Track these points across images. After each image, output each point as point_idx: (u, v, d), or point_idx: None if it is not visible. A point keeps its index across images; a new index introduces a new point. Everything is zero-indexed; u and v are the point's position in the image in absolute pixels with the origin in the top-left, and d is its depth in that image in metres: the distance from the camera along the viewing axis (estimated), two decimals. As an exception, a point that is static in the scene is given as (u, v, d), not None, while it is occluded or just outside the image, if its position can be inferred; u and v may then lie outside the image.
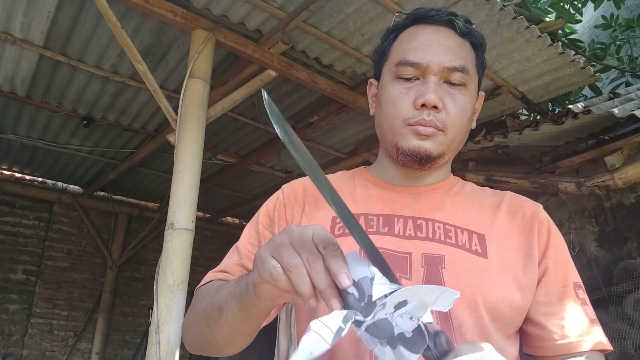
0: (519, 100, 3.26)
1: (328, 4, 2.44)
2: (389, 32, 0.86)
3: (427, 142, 0.76)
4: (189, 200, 2.30)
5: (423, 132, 0.75)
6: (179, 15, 2.44)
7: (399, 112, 0.77)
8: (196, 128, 2.42)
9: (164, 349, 2.07)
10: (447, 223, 0.78)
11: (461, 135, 0.80)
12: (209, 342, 0.73)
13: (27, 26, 2.76)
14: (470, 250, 0.75)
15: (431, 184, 0.85)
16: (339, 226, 0.79)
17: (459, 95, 0.78)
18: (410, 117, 0.76)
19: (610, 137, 3.14)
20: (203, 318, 0.73)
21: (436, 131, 0.76)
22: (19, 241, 5.19)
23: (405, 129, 0.77)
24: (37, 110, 3.72)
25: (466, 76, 0.78)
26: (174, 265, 2.18)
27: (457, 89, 0.78)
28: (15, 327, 5.01)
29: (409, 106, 0.77)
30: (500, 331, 0.73)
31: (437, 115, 0.76)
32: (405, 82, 0.78)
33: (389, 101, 0.80)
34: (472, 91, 0.80)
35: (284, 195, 0.87)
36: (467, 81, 0.79)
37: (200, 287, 0.84)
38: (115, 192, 5.61)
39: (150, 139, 4.10)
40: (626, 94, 3.09)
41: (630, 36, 4.66)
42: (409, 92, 0.78)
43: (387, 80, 0.82)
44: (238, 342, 0.73)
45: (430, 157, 0.77)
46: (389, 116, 0.79)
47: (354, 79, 3.17)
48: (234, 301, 0.64)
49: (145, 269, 5.88)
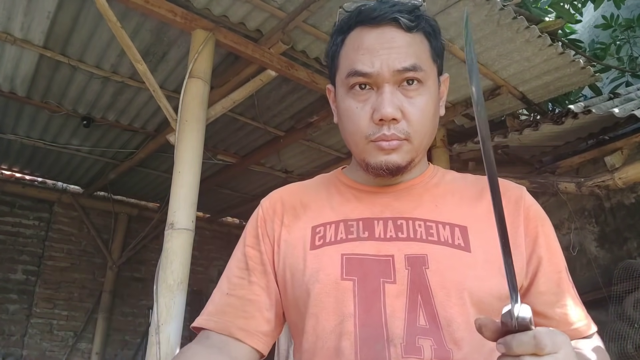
0: (519, 100, 3.26)
1: (328, 4, 2.44)
2: (335, 34, 0.83)
3: (394, 155, 0.74)
4: (189, 200, 2.30)
5: (387, 147, 0.74)
6: (179, 15, 2.44)
7: (359, 129, 0.75)
8: (196, 128, 2.42)
9: (164, 349, 2.07)
10: (427, 220, 0.77)
11: (428, 135, 0.78)
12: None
13: (27, 26, 2.76)
14: (453, 246, 0.74)
15: (408, 180, 0.83)
16: (319, 236, 0.78)
17: (417, 97, 0.75)
18: (370, 134, 0.74)
19: (610, 137, 3.14)
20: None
21: (400, 142, 0.74)
22: (19, 241, 5.19)
23: (369, 145, 0.75)
24: (37, 110, 3.72)
25: (420, 73, 0.74)
26: (174, 265, 2.18)
27: (414, 89, 0.75)
28: (15, 327, 5.01)
29: (368, 122, 0.74)
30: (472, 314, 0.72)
31: (398, 126, 0.73)
32: (359, 94, 0.76)
33: (347, 117, 0.77)
34: (431, 86, 0.77)
35: (263, 210, 0.86)
36: (423, 77, 0.75)
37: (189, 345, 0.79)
38: (115, 192, 5.61)
39: (150, 139, 4.10)
40: (626, 94, 3.09)
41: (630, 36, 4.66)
42: (364, 106, 0.75)
43: (341, 93, 0.79)
44: None
45: (399, 168, 0.76)
46: (351, 133, 0.77)
47: (354, 79, 3.17)
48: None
49: (145, 269, 5.88)
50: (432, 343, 0.67)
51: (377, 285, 0.71)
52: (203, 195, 2.74)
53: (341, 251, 0.75)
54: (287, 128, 3.91)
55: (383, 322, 0.69)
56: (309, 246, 0.78)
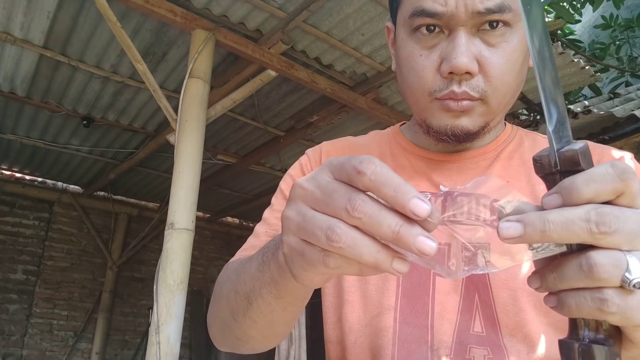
0: (519, 100, 3.26)
1: (328, 4, 2.44)
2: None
3: (464, 119, 0.60)
4: (189, 200, 2.30)
5: (455, 107, 0.59)
6: (179, 15, 2.44)
7: (421, 83, 0.60)
8: (196, 128, 2.42)
9: (164, 349, 2.07)
10: (494, 199, 0.66)
11: (511, 93, 0.62)
12: (240, 338, 0.59)
13: (27, 26, 2.76)
14: None
15: (479, 147, 0.68)
16: None
17: (501, 45, 0.58)
18: (436, 90, 0.59)
19: (610, 137, 3.14)
20: (227, 310, 0.58)
21: (472, 103, 0.59)
22: (19, 241, 5.19)
23: (433, 104, 0.61)
24: (37, 110, 3.72)
25: (509, 14, 0.57)
26: (174, 265, 2.18)
27: (499, 34, 0.58)
28: (15, 327, 5.01)
29: (434, 74, 0.59)
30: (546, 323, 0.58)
31: (472, 82, 0.58)
32: (425, 38, 0.60)
33: (408, 66, 0.62)
34: (521, 29, 0.59)
35: (310, 159, 0.75)
36: (512, 19, 0.58)
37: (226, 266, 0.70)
38: (115, 192, 5.61)
39: (150, 139, 4.10)
40: (626, 94, 3.10)
41: (630, 36, 4.66)
42: (430, 54, 0.60)
43: (403, 35, 0.63)
44: (280, 332, 0.58)
45: (469, 135, 0.61)
46: (411, 87, 0.62)
47: (354, 79, 3.17)
48: (266, 288, 0.48)
49: (145, 269, 5.89)
50: (488, 353, 0.56)
51: (426, 277, 0.60)
52: (203, 195, 2.74)
53: None
54: (287, 128, 3.91)
55: (429, 322, 0.58)
56: None
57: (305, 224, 0.36)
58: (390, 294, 0.60)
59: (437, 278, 0.59)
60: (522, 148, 0.69)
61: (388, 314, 0.60)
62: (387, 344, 0.58)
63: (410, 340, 0.58)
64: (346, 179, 0.34)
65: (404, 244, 0.32)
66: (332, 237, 0.33)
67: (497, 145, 0.68)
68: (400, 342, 0.58)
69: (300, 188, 0.37)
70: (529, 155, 0.67)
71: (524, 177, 0.64)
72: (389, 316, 0.59)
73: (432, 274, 0.60)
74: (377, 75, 3.05)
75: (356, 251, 0.33)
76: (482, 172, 0.66)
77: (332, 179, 0.35)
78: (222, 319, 0.60)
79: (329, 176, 0.36)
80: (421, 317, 0.58)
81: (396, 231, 0.32)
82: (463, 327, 0.57)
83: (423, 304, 0.59)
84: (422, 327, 0.58)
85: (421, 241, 0.32)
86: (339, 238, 0.33)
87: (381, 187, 0.33)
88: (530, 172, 0.64)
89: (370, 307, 0.61)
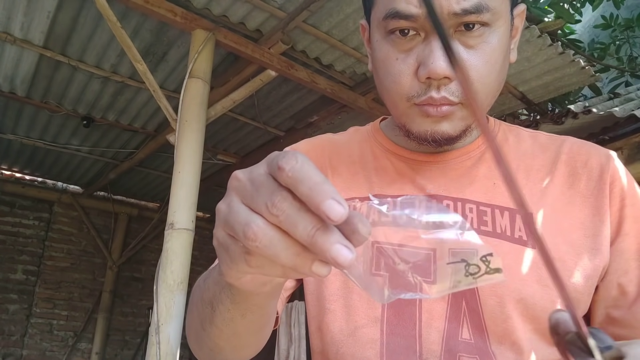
0: (519, 100, 3.26)
1: (328, 4, 2.44)
2: None
3: (444, 124, 0.57)
4: (189, 200, 2.30)
5: (434, 113, 0.56)
6: (179, 15, 2.44)
7: (398, 88, 0.57)
8: (196, 128, 2.42)
9: (164, 349, 2.07)
10: (480, 203, 0.60)
11: (492, 94, 0.59)
12: (212, 349, 0.56)
13: (27, 26, 2.76)
14: (512, 239, 0.57)
15: (462, 147, 0.65)
16: None
17: (480, 46, 0.55)
18: (414, 95, 0.56)
19: (610, 137, 3.13)
20: (197, 319, 0.56)
21: (452, 108, 0.56)
22: (19, 241, 5.19)
23: (412, 109, 0.58)
24: (37, 110, 3.72)
25: (487, 14, 0.54)
26: (174, 265, 2.18)
27: (477, 35, 0.55)
28: (15, 327, 5.01)
29: (411, 79, 0.56)
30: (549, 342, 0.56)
31: (450, 86, 0.55)
32: (401, 42, 0.56)
33: (384, 70, 0.59)
34: (501, 26, 0.56)
35: None
36: (491, 18, 0.54)
37: None
38: (115, 192, 5.61)
39: (150, 139, 4.10)
40: (626, 94, 3.09)
41: (629, 36, 4.66)
42: (407, 58, 0.56)
43: (378, 37, 0.60)
44: (249, 343, 0.55)
45: (450, 139, 0.59)
46: (388, 91, 0.59)
47: (354, 79, 3.17)
48: (224, 292, 0.46)
49: (145, 269, 5.89)
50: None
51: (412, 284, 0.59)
52: (203, 195, 2.74)
53: (372, 238, 0.60)
54: (287, 128, 3.91)
55: (417, 331, 0.56)
56: None
57: (229, 216, 0.33)
58: (376, 304, 0.58)
59: (424, 285, 0.57)
60: (507, 145, 0.66)
61: (374, 326, 0.57)
62: (375, 356, 0.56)
63: (399, 351, 0.56)
64: (273, 174, 0.32)
65: (319, 249, 0.30)
66: (248, 234, 0.31)
67: (480, 143, 0.65)
68: (389, 353, 0.56)
69: (235, 179, 0.35)
70: (515, 154, 0.65)
71: (515, 171, 0.62)
72: (376, 328, 0.57)
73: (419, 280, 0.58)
74: (377, 75, 3.05)
75: (272, 251, 0.31)
76: (466, 173, 0.63)
77: (265, 172, 0.33)
78: (195, 330, 0.58)
79: (264, 170, 0.33)
80: (408, 326, 0.56)
81: (311, 235, 0.30)
82: (451, 335, 0.55)
83: (410, 312, 0.57)
84: (409, 337, 0.56)
85: (337, 250, 0.29)
86: (254, 236, 0.31)
87: (298, 184, 0.30)
88: (515, 172, 0.62)
89: (354, 317, 0.59)
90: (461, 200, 0.60)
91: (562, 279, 0.31)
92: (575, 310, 0.32)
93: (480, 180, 0.62)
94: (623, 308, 0.57)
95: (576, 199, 0.60)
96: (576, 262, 0.56)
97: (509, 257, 0.56)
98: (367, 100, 3.24)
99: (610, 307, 0.58)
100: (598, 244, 0.57)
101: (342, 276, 0.60)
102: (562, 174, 0.62)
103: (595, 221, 0.58)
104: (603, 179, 0.60)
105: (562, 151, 0.64)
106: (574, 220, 0.59)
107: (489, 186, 0.61)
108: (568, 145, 0.65)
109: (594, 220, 0.58)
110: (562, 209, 0.59)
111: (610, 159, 0.62)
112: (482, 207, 0.59)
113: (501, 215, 0.59)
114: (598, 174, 0.61)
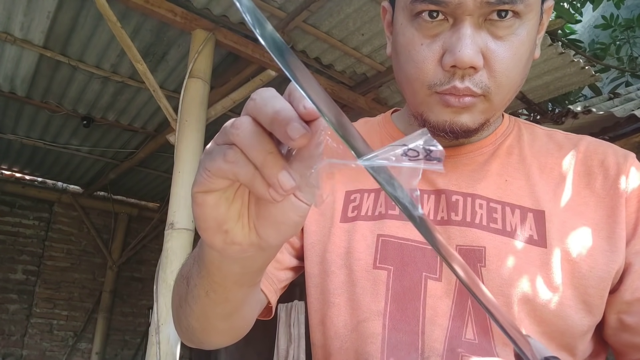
0: (519, 100, 3.26)
1: (328, 4, 2.44)
2: None
3: (464, 116, 0.55)
4: (189, 200, 2.30)
5: (456, 104, 0.54)
6: (179, 15, 2.45)
7: (420, 74, 0.55)
8: (196, 128, 2.43)
9: (164, 349, 2.07)
10: (492, 199, 0.58)
11: (514, 89, 0.57)
12: (187, 328, 0.56)
13: (27, 26, 2.76)
14: (522, 239, 0.56)
15: (476, 142, 0.63)
16: (354, 206, 0.62)
17: (509, 38, 0.53)
18: (437, 83, 0.54)
19: (610, 137, 3.13)
20: (176, 297, 0.56)
21: (474, 100, 0.54)
22: (19, 241, 5.19)
23: (432, 97, 0.55)
24: (37, 110, 3.72)
25: (520, 5, 0.52)
26: (174, 265, 2.18)
27: (508, 25, 0.53)
28: (15, 327, 5.01)
29: (435, 66, 0.54)
30: (557, 346, 0.55)
31: (475, 77, 0.53)
32: (428, 26, 0.54)
33: (407, 55, 0.56)
34: (531, 20, 0.54)
35: None
36: (523, 9, 0.52)
37: None
38: (115, 192, 5.61)
39: (150, 139, 4.11)
40: (626, 94, 3.09)
41: (630, 36, 4.66)
42: (432, 44, 0.54)
43: (402, 20, 0.57)
44: (217, 329, 0.54)
45: (468, 132, 0.57)
46: (408, 78, 0.57)
47: (354, 79, 3.17)
48: (196, 264, 0.46)
49: (145, 269, 5.89)
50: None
51: (417, 280, 0.56)
52: (203, 195, 2.73)
53: (377, 231, 0.59)
54: (287, 128, 3.91)
55: (419, 328, 0.55)
56: (339, 217, 0.63)
57: (228, 126, 0.34)
58: (380, 299, 0.57)
59: (429, 281, 0.56)
60: (521, 142, 0.64)
61: (377, 320, 0.56)
62: (376, 351, 0.55)
63: (400, 347, 0.55)
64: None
65: (267, 173, 0.31)
66: (235, 123, 0.32)
67: (494, 138, 0.64)
68: (390, 349, 0.55)
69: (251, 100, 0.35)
70: (529, 150, 0.63)
71: (523, 176, 0.61)
72: (378, 322, 0.56)
73: (424, 276, 0.56)
74: (377, 75, 3.05)
75: (248, 141, 0.32)
76: (479, 168, 0.62)
77: None
78: (175, 308, 0.58)
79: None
80: (411, 322, 0.55)
81: (262, 159, 0.31)
82: (455, 334, 0.53)
83: (413, 308, 0.56)
84: (412, 333, 0.55)
85: (283, 175, 0.31)
86: (239, 124, 0.32)
87: (262, 107, 0.31)
88: (529, 170, 0.61)
89: (358, 312, 0.58)
90: (471, 195, 0.59)
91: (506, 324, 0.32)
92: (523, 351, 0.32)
93: (492, 176, 0.61)
94: (637, 314, 0.54)
95: (591, 199, 0.58)
96: (589, 263, 0.55)
97: (518, 256, 0.54)
98: (367, 100, 3.24)
99: (623, 313, 0.55)
100: (612, 245, 0.55)
101: (347, 269, 0.60)
102: (579, 172, 0.60)
103: (610, 222, 0.56)
104: (619, 179, 0.58)
105: (579, 150, 0.62)
106: (587, 220, 0.57)
107: (500, 183, 0.60)
108: (585, 144, 0.63)
109: (609, 221, 0.57)
110: (576, 208, 0.58)
111: (627, 159, 0.61)
112: (492, 204, 0.58)
113: (512, 213, 0.57)
114: (614, 174, 0.59)
